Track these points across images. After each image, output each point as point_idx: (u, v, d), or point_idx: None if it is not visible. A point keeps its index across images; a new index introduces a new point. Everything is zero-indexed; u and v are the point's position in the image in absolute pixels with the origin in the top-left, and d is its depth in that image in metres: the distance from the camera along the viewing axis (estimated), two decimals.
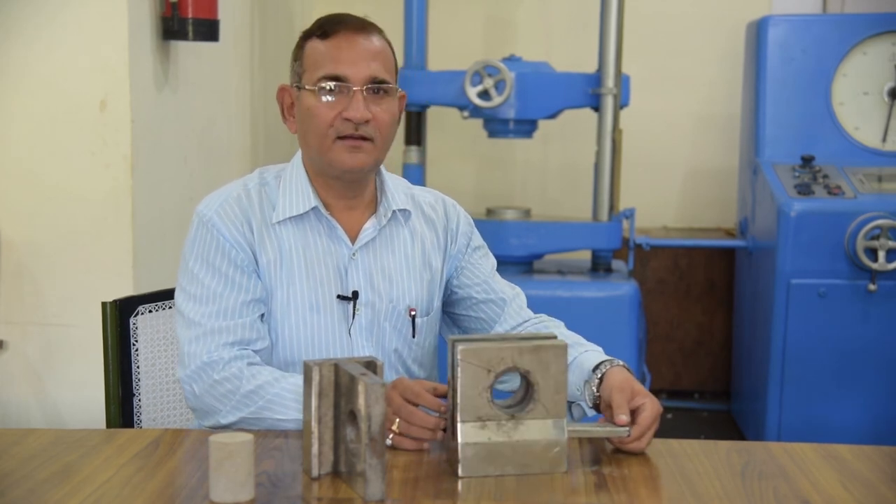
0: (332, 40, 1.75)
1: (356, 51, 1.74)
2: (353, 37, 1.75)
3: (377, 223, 1.83)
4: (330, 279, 1.79)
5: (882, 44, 3.91)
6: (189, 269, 1.77)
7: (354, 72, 1.73)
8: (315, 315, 1.78)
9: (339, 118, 1.73)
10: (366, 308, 1.81)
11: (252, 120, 3.92)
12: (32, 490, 1.45)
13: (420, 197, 1.93)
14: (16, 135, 2.76)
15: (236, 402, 1.69)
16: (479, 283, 1.92)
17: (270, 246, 1.78)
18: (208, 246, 1.77)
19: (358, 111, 1.72)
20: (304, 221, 1.80)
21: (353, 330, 1.80)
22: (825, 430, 3.61)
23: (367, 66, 1.74)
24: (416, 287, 1.85)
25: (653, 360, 4.65)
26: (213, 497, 1.39)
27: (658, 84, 4.73)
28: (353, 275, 1.80)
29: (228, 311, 1.74)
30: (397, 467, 1.53)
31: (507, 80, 3.63)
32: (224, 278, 1.75)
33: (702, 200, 4.85)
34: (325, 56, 1.74)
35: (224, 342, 1.72)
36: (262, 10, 4.01)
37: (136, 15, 2.76)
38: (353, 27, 1.76)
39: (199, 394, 1.72)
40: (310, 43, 1.78)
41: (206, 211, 1.79)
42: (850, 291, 3.59)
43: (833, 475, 1.55)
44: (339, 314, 1.79)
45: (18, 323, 2.81)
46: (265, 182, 1.83)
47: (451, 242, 1.92)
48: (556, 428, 1.53)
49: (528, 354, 1.51)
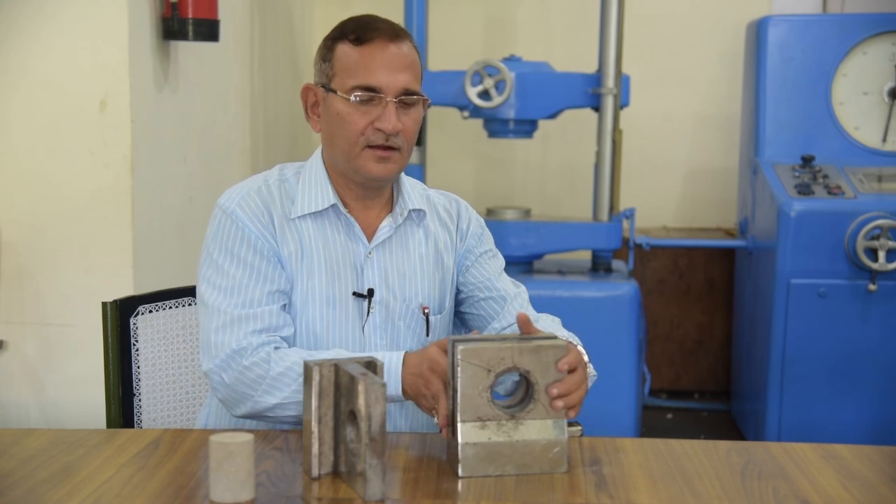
0: (367, 48, 1.75)
1: (390, 61, 1.75)
2: (388, 46, 1.76)
3: (393, 222, 1.85)
4: (347, 276, 1.81)
5: (882, 44, 3.91)
6: (214, 261, 1.78)
7: (388, 83, 1.75)
8: (331, 310, 1.79)
9: (371, 127, 1.75)
10: (380, 306, 1.82)
11: (252, 120, 3.92)
12: (32, 490, 1.45)
13: (435, 199, 1.95)
14: (16, 135, 2.75)
15: (268, 386, 1.69)
16: (482, 281, 1.94)
17: (291, 238, 1.79)
18: (233, 237, 1.77)
19: (390, 122, 1.74)
20: (322, 218, 1.82)
21: (366, 327, 1.81)
22: (825, 431, 3.61)
23: (401, 78, 1.75)
24: (429, 286, 1.87)
25: (653, 360, 4.65)
26: (213, 497, 1.39)
27: (658, 84, 4.73)
28: (368, 273, 1.82)
29: (255, 300, 1.74)
30: (397, 467, 1.54)
31: (507, 80, 3.64)
32: (250, 268, 1.76)
33: (702, 200, 4.85)
34: (359, 64, 1.75)
35: (252, 329, 1.73)
36: (262, 10, 4.01)
37: (136, 15, 2.76)
38: (387, 35, 1.76)
39: (229, 382, 1.72)
40: (342, 46, 1.78)
41: (229, 203, 1.80)
42: (850, 291, 3.59)
43: (833, 475, 1.55)
44: (354, 311, 1.81)
45: (18, 323, 2.81)
46: (285, 178, 1.84)
47: (461, 241, 1.94)
48: (556, 428, 1.53)
49: (528, 354, 1.51)
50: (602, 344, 3.58)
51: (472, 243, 1.95)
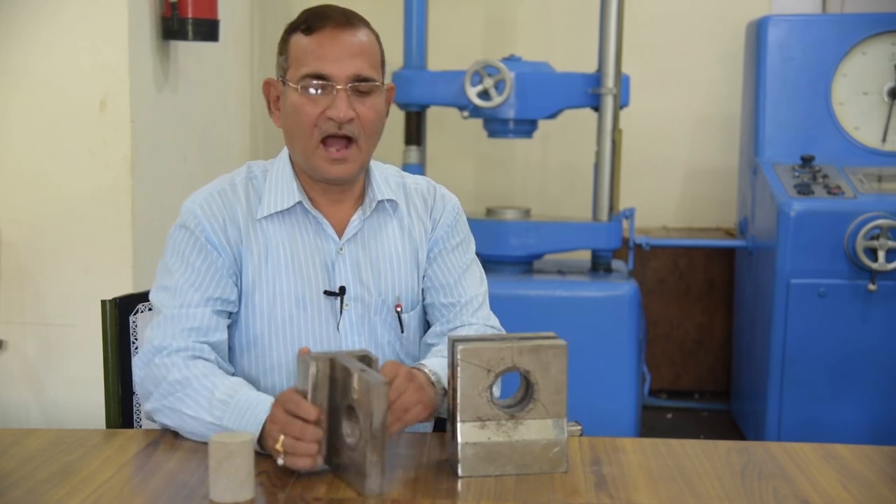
0: (316, 36, 1.72)
1: (340, 48, 1.72)
2: (338, 33, 1.72)
3: (362, 214, 1.82)
4: (317, 275, 1.78)
5: (882, 44, 3.91)
6: (164, 262, 1.77)
7: (338, 70, 1.71)
8: (301, 311, 1.77)
9: (323, 117, 1.72)
10: (355, 303, 1.79)
11: (252, 120, 3.92)
12: (32, 490, 1.45)
13: (412, 185, 1.90)
14: (16, 135, 2.76)
15: (163, 390, 1.65)
16: (442, 282, 1.87)
17: (255, 242, 1.77)
18: (185, 240, 1.76)
19: (340, 110, 1.71)
20: (290, 216, 1.79)
21: (341, 325, 1.79)
22: (825, 430, 3.61)
23: (351, 64, 1.71)
24: (404, 280, 1.84)
25: (653, 360, 4.65)
26: (213, 497, 1.39)
27: (658, 84, 4.73)
28: (340, 269, 1.79)
29: (193, 302, 1.72)
30: (397, 467, 1.54)
31: (507, 80, 3.63)
32: (195, 273, 1.74)
33: (702, 200, 4.85)
34: (309, 53, 1.72)
35: (181, 328, 1.70)
36: (262, 10, 4.01)
37: (136, 15, 2.76)
38: (337, 22, 1.73)
39: (141, 377, 1.71)
40: (294, 37, 1.76)
41: (191, 206, 1.78)
42: (850, 291, 3.59)
43: (833, 475, 1.55)
44: (326, 310, 1.78)
45: (18, 323, 2.81)
46: (252, 176, 1.82)
47: (433, 230, 1.88)
48: (556, 428, 1.53)
49: (528, 354, 1.51)
50: (602, 344, 3.58)
51: (441, 233, 1.88)
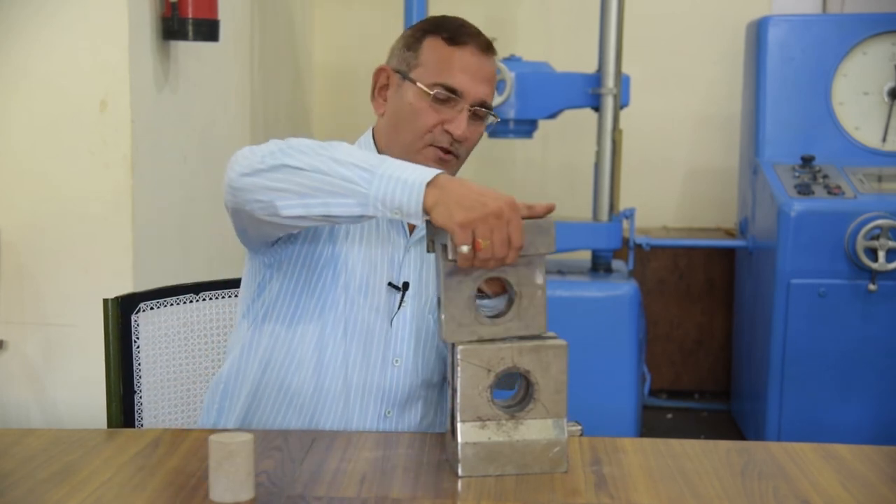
0: (459, 50, 1.75)
1: (478, 70, 1.76)
2: (480, 55, 1.77)
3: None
4: (383, 265, 1.79)
5: (882, 44, 3.91)
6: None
7: (471, 90, 1.75)
8: (362, 297, 1.77)
9: (440, 128, 1.75)
10: (412, 300, 1.81)
11: (252, 120, 3.92)
12: (32, 490, 1.45)
13: None
14: (16, 135, 2.75)
15: (260, 157, 1.57)
16: None
17: None
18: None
19: (461, 128, 1.74)
20: None
21: (395, 320, 1.79)
22: (825, 430, 3.61)
23: (482, 89, 1.76)
24: None
25: (653, 360, 4.65)
26: (213, 497, 1.39)
27: (658, 84, 4.73)
28: (406, 266, 1.81)
29: None
30: (397, 467, 1.54)
31: (507, 80, 3.63)
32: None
33: (702, 200, 4.85)
34: (449, 64, 1.75)
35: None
36: (262, 10, 4.01)
37: (136, 15, 2.75)
38: (481, 45, 1.77)
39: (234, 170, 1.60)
40: (433, 40, 1.77)
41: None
42: (850, 291, 3.59)
43: (833, 475, 1.55)
44: (385, 302, 1.79)
45: (18, 323, 2.81)
46: None
47: None
48: (557, 428, 1.53)
49: (528, 354, 1.51)
50: (602, 344, 3.58)
51: None
